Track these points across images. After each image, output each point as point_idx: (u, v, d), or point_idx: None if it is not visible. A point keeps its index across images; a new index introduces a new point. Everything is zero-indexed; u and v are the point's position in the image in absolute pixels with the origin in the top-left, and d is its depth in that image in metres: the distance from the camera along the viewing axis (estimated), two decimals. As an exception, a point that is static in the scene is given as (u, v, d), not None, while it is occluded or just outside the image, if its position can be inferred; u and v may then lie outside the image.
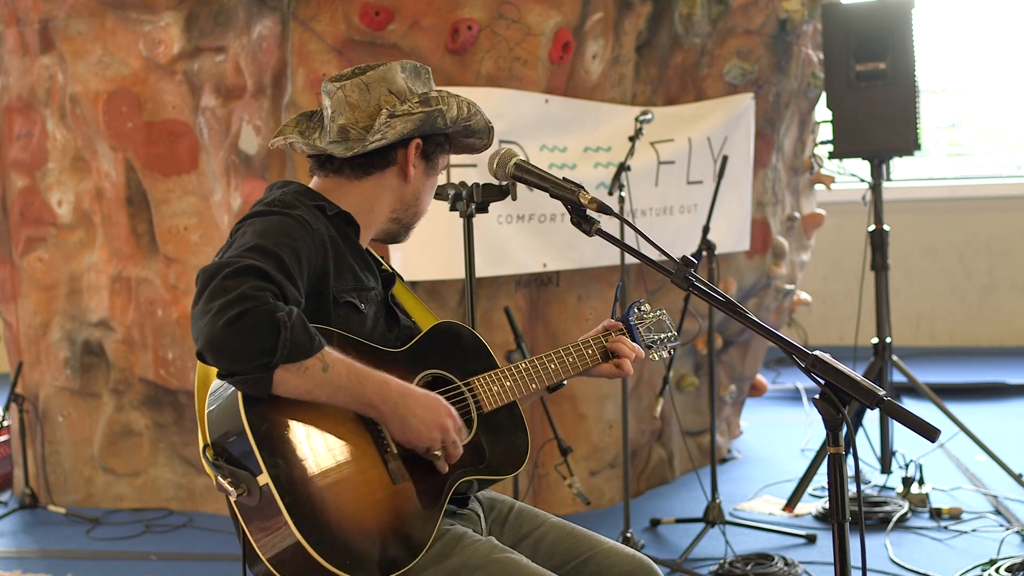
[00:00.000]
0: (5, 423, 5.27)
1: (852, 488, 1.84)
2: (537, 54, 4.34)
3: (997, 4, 8.57)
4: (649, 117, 4.20)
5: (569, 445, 4.13)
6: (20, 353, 5.14)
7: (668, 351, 2.59)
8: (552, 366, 2.40)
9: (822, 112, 5.15)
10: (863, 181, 5.03)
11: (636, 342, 2.50)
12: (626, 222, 2.22)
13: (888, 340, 4.90)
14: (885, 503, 4.63)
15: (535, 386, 2.37)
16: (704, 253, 4.27)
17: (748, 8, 4.92)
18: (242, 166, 4.49)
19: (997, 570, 3.84)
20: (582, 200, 2.23)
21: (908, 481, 4.69)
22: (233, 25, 4.46)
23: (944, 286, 8.22)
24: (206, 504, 4.92)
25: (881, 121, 4.82)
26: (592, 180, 4.42)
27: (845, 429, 1.87)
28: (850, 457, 1.94)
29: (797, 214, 5.60)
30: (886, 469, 4.96)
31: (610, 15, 4.53)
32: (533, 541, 2.37)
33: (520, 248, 4.41)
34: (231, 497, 2.04)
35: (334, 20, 4.23)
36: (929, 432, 1.81)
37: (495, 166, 2.37)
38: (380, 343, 2.26)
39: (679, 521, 4.59)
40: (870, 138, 4.85)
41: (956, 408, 5.15)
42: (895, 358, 4.94)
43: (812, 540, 4.35)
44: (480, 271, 3.88)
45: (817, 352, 1.90)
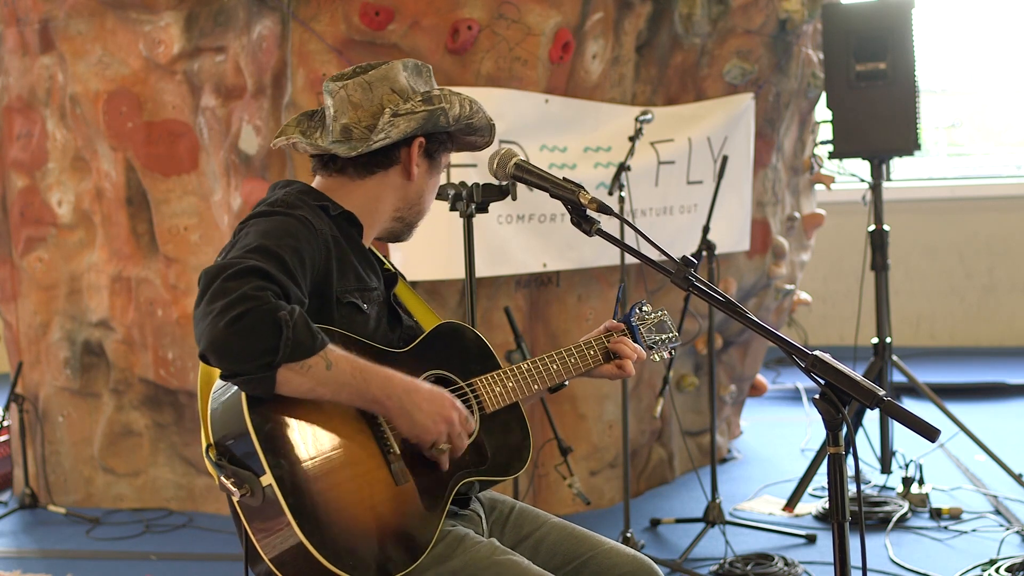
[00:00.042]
0: (5, 423, 5.27)
1: (852, 488, 1.84)
2: (537, 54, 4.34)
3: (997, 4, 8.57)
4: (649, 117, 4.20)
5: (569, 445, 4.13)
6: (20, 353, 5.14)
7: (669, 352, 2.59)
8: (554, 367, 2.40)
9: (822, 112, 5.14)
10: (863, 181, 5.03)
11: (638, 343, 2.50)
12: (626, 222, 2.22)
13: (888, 340, 4.90)
14: (885, 503, 4.63)
15: (537, 387, 2.37)
16: (704, 253, 4.27)
17: (748, 8, 4.92)
18: (242, 166, 4.49)
19: (997, 570, 3.84)
20: (582, 200, 2.23)
21: (908, 481, 4.69)
22: (233, 25, 4.46)
23: (944, 286, 8.22)
24: (206, 504, 4.92)
25: (881, 121, 4.82)
26: (592, 180, 4.42)
27: (845, 429, 1.87)
28: (850, 457, 1.94)
29: (797, 214, 5.60)
30: (886, 469, 4.96)
31: (610, 15, 4.53)
32: (534, 542, 2.37)
33: (520, 248, 4.41)
34: (234, 497, 2.04)
35: (334, 20, 4.23)
36: (929, 432, 1.81)
37: (495, 166, 2.37)
38: (383, 343, 2.26)
39: (679, 521, 4.59)
40: (870, 138, 4.85)
41: (956, 408, 5.15)
42: (895, 358, 4.94)
43: (812, 540, 4.35)
44: (480, 271, 3.87)
45: (817, 352, 1.90)
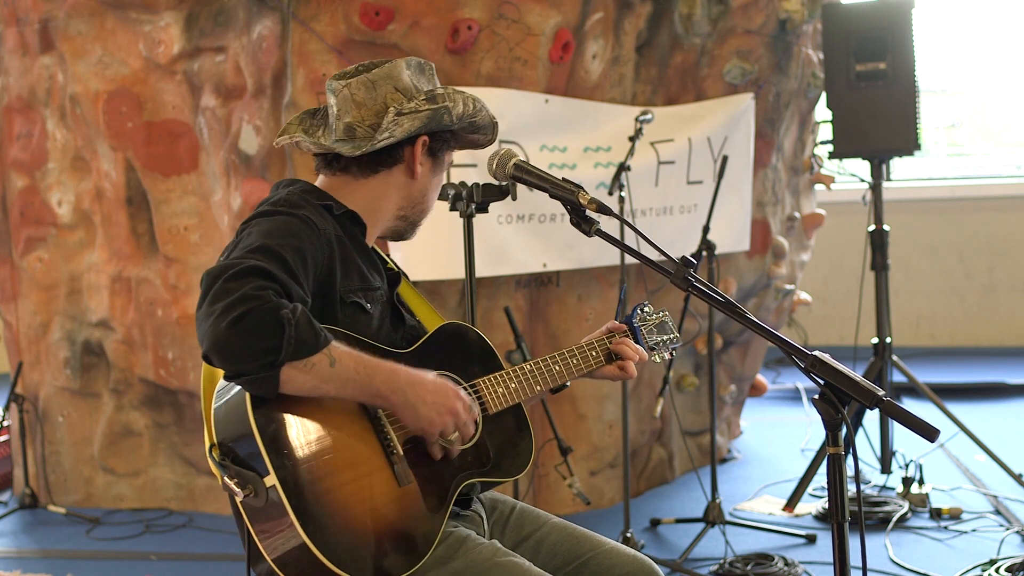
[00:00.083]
0: (5, 423, 5.27)
1: (852, 488, 1.84)
2: (537, 54, 4.34)
3: (997, 4, 8.57)
4: (649, 117, 4.20)
5: (569, 445, 4.13)
6: (20, 353, 5.14)
7: (670, 353, 2.59)
8: (556, 368, 2.40)
9: (822, 112, 5.14)
10: (863, 181, 5.03)
11: (639, 344, 2.50)
12: (625, 222, 2.22)
13: (888, 340, 4.90)
14: (885, 503, 4.63)
15: (539, 388, 2.37)
16: (704, 253, 4.27)
17: (748, 8, 4.92)
18: (242, 166, 4.49)
19: (997, 570, 3.84)
20: (581, 200, 2.22)
21: (908, 481, 4.69)
22: (233, 25, 4.46)
23: (944, 286, 8.22)
24: (206, 504, 4.92)
25: (881, 121, 4.82)
26: (592, 180, 4.42)
27: (844, 429, 1.87)
28: (850, 457, 1.94)
29: (797, 214, 5.60)
30: (886, 469, 4.96)
31: (610, 15, 4.53)
32: (535, 542, 2.38)
33: (520, 248, 4.41)
34: (237, 498, 2.04)
35: (334, 20, 4.23)
36: (928, 432, 1.81)
37: (495, 166, 2.37)
38: (386, 343, 2.26)
39: (679, 521, 4.59)
40: (870, 138, 4.85)
41: (956, 408, 5.15)
42: (895, 358, 4.94)
43: (812, 540, 4.35)
44: (480, 271, 3.87)
45: (816, 352, 1.90)
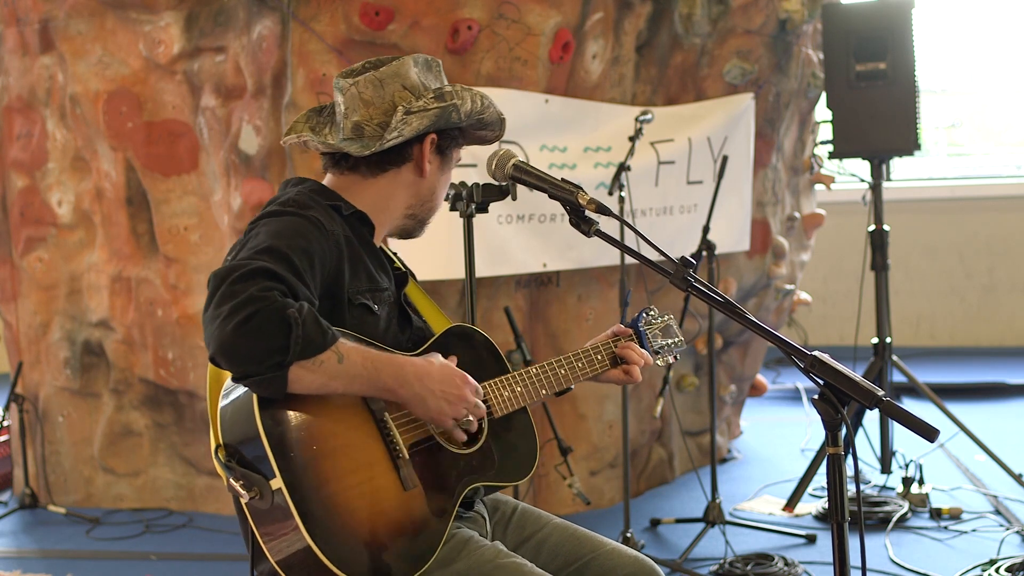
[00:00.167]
0: (5, 423, 5.27)
1: (852, 488, 1.84)
2: (537, 54, 4.34)
3: (997, 4, 8.57)
4: (649, 117, 4.20)
5: (569, 445, 4.13)
6: (20, 353, 5.14)
7: (675, 356, 2.59)
8: (562, 371, 2.40)
9: (822, 112, 5.14)
10: (863, 181, 5.03)
11: (645, 348, 2.50)
12: (625, 222, 2.22)
13: (888, 340, 4.90)
14: (885, 503, 4.63)
15: (545, 391, 2.37)
16: (704, 253, 4.27)
17: (748, 8, 4.91)
18: (242, 166, 4.49)
19: (997, 570, 3.84)
20: (581, 201, 2.22)
21: (908, 481, 4.69)
22: (233, 25, 4.46)
23: (944, 286, 8.22)
24: (206, 504, 4.92)
25: (881, 121, 4.82)
26: (592, 180, 4.42)
27: (844, 429, 1.87)
28: (850, 457, 1.94)
29: (797, 214, 5.60)
30: (886, 469, 4.96)
31: (610, 15, 4.53)
32: (536, 543, 2.38)
33: (520, 248, 4.41)
34: (242, 500, 2.04)
35: (334, 20, 4.23)
36: (928, 432, 1.81)
37: (494, 167, 2.37)
38: (393, 345, 2.26)
39: (679, 521, 4.59)
40: (870, 138, 4.85)
41: (956, 408, 5.15)
42: (895, 358, 4.94)
43: (812, 540, 4.35)
44: (480, 271, 3.87)
45: (816, 352, 1.90)
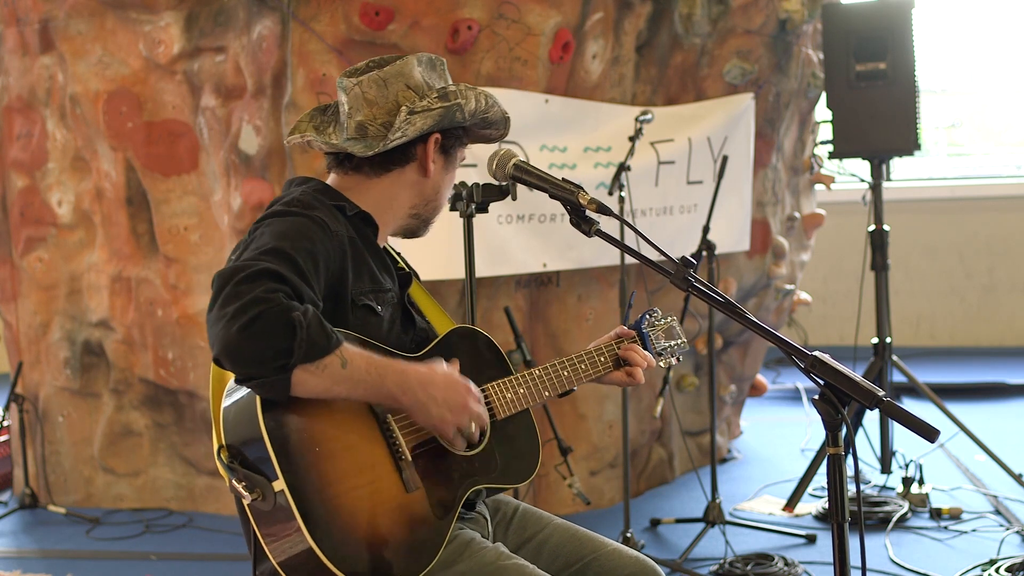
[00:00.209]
0: (5, 423, 5.27)
1: (852, 488, 1.84)
2: (537, 54, 4.34)
3: (997, 4, 8.57)
4: (649, 117, 4.20)
5: (569, 445, 4.13)
6: (20, 353, 5.14)
7: (677, 358, 2.59)
8: (565, 373, 2.39)
9: (822, 112, 5.14)
10: (863, 181, 5.03)
11: (648, 350, 2.50)
12: (625, 222, 2.22)
13: (888, 340, 4.90)
14: (885, 503, 4.63)
15: (548, 393, 2.37)
16: (704, 253, 4.27)
17: (748, 8, 4.91)
18: (242, 166, 4.48)
19: (997, 570, 3.84)
20: (581, 201, 2.22)
21: (908, 481, 4.69)
22: (233, 25, 4.46)
23: (944, 286, 8.22)
24: (206, 504, 4.92)
25: (881, 121, 4.82)
26: (592, 180, 4.42)
27: (844, 430, 1.87)
28: (850, 457, 1.94)
29: (797, 214, 5.60)
30: (886, 469, 4.96)
31: (610, 15, 4.53)
32: (537, 543, 2.38)
33: (520, 248, 4.41)
34: (245, 501, 2.04)
35: (334, 20, 4.23)
36: (928, 432, 1.81)
37: (494, 167, 2.37)
38: (396, 346, 2.25)
39: (679, 521, 4.59)
40: (870, 138, 4.85)
41: (956, 408, 5.15)
42: (895, 358, 4.94)
43: (812, 540, 4.35)
44: (480, 271, 3.87)
45: (816, 352, 1.90)
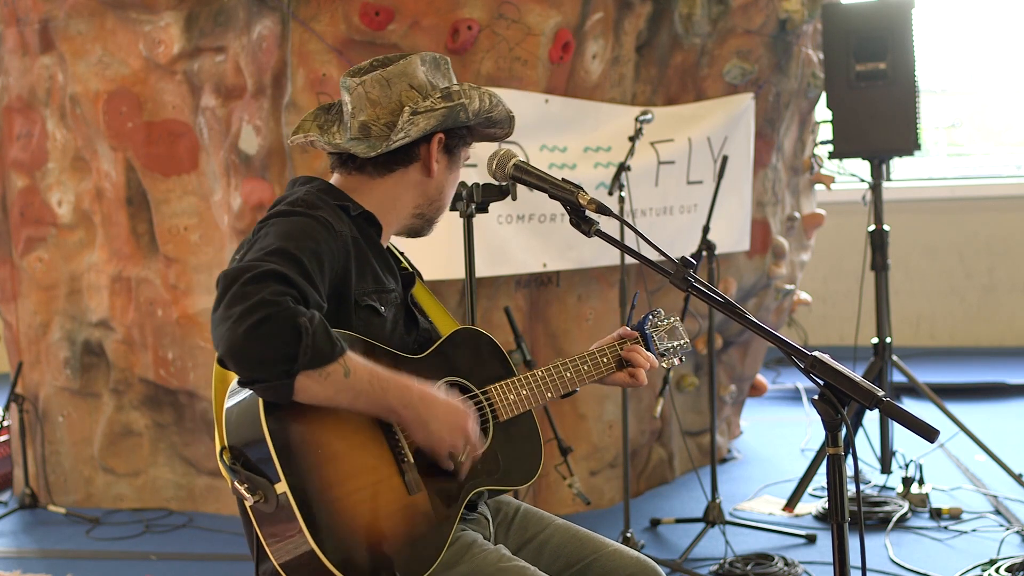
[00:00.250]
0: (5, 423, 5.27)
1: (852, 488, 1.84)
2: (537, 54, 4.34)
3: (997, 4, 8.57)
4: (649, 117, 4.20)
5: (569, 445, 4.13)
6: (20, 353, 5.14)
7: (680, 359, 2.59)
8: (568, 374, 2.39)
9: (822, 112, 5.14)
10: (863, 181, 5.03)
11: (651, 351, 2.50)
12: (625, 223, 2.22)
13: (888, 340, 4.90)
14: (885, 503, 4.63)
15: (550, 395, 2.37)
16: (704, 253, 4.27)
17: (748, 8, 4.91)
18: (242, 166, 4.49)
19: (997, 570, 3.84)
20: (581, 201, 2.22)
21: (908, 481, 4.69)
22: (233, 25, 4.46)
23: (944, 286, 8.22)
24: (206, 504, 4.92)
25: (881, 121, 4.82)
26: (592, 180, 4.42)
27: (844, 430, 1.87)
28: (850, 457, 1.94)
29: (797, 214, 5.60)
30: (886, 469, 4.96)
31: (610, 15, 4.53)
32: (538, 544, 2.38)
33: (520, 248, 4.41)
34: (247, 503, 2.04)
35: (334, 20, 4.23)
36: (928, 432, 1.81)
37: (494, 167, 2.36)
38: (399, 347, 2.25)
39: (679, 521, 4.59)
40: (870, 138, 4.85)
41: (956, 408, 5.15)
42: (895, 358, 4.94)
43: (812, 540, 4.35)
44: (480, 271, 3.87)
45: (816, 353, 1.90)
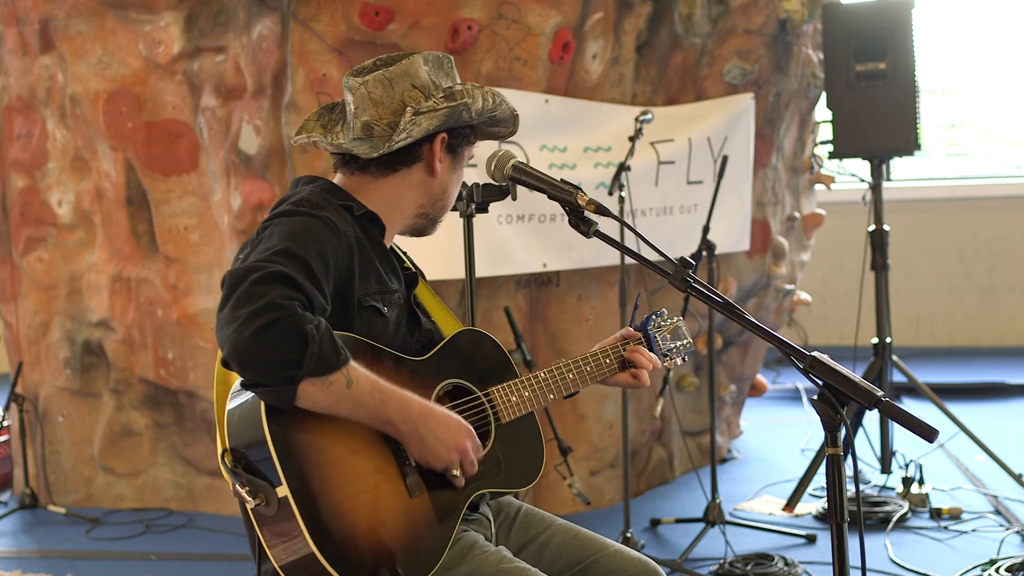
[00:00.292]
0: (5, 423, 5.27)
1: (852, 488, 1.84)
2: (537, 54, 4.34)
3: (997, 4, 8.57)
4: (649, 117, 4.20)
5: (569, 445, 4.13)
6: (20, 353, 5.14)
7: (682, 358, 2.58)
8: (570, 375, 2.39)
9: (822, 112, 5.14)
10: (863, 181, 5.03)
11: (654, 351, 2.49)
12: (624, 223, 2.23)
13: (888, 340, 4.90)
14: (885, 503, 4.63)
15: (553, 396, 2.37)
16: (704, 253, 4.27)
17: (748, 8, 4.91)
18: (242, 166, 4.49)
19: (997, 570, 3.84)
20: (580, 201, 2.22)
21: (908, 481, 4.69)
22: (233, 25, 4.46)
23: (944, 286, 8.22)
24: (206, 504, 4.92)
25: (881, 121, 4.82)
26: (592, 180, 4.42)
27: (844, 430, 1.87)
28: (849, 457, 1.94)
29: (797, 214, 5.60)
30: (886, 469, 4.96)
31: (610, 15, 4.53)
32: (539, 544, 2.38)
33: (520, 248, 4.41)
34: (248, 506, 2.04)
35: (334, 20, 4.23)
36: (927, 433, 1.81)
37: (493, 168, 2.36)
38: (401, 348, 2.25)
39: (679, 521, 4.59)
40: (870, 138, 4.85)
41: (956, 408, 5.15)
42: (895, 358, 4.94)
43: (812, 540, 4.35)
44: (480, 271, 3.87)
45: (815, 353, 1.90)
